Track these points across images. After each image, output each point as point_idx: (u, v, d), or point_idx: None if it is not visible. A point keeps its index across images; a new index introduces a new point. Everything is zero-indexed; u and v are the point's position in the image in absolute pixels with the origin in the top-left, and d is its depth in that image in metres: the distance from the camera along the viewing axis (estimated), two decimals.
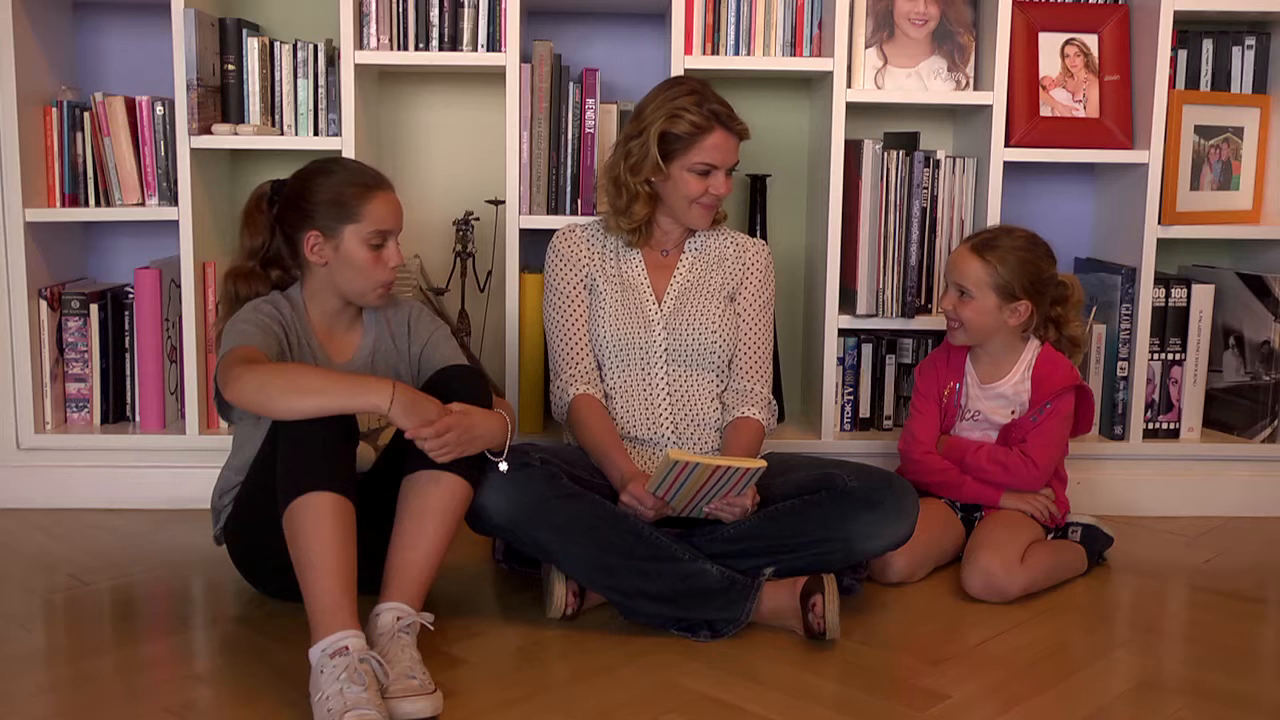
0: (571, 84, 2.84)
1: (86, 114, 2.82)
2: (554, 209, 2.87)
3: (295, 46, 2.82)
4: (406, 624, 1.95)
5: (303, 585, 1.90)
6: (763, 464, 2.15)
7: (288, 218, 2.24)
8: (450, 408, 2.05)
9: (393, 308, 2.36)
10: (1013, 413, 2.57)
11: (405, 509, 2.05)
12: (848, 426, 2.99)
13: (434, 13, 2.79)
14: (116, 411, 2.94)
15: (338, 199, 2.19)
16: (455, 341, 2.38)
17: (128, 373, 2.94)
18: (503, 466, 2.13)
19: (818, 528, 2.21)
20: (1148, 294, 2.88)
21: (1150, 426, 2.95)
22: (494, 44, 2.80)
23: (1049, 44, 2.91)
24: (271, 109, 2.84)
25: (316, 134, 2.84)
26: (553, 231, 2.58)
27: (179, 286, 2.81)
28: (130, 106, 2.82)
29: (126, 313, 2.92)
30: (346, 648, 1.82)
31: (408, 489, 2.06)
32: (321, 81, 2.82)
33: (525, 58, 2.82)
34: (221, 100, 2.83)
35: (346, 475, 1.98)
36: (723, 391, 2.50)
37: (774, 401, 2.51)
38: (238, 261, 2.31)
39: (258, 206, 2.29)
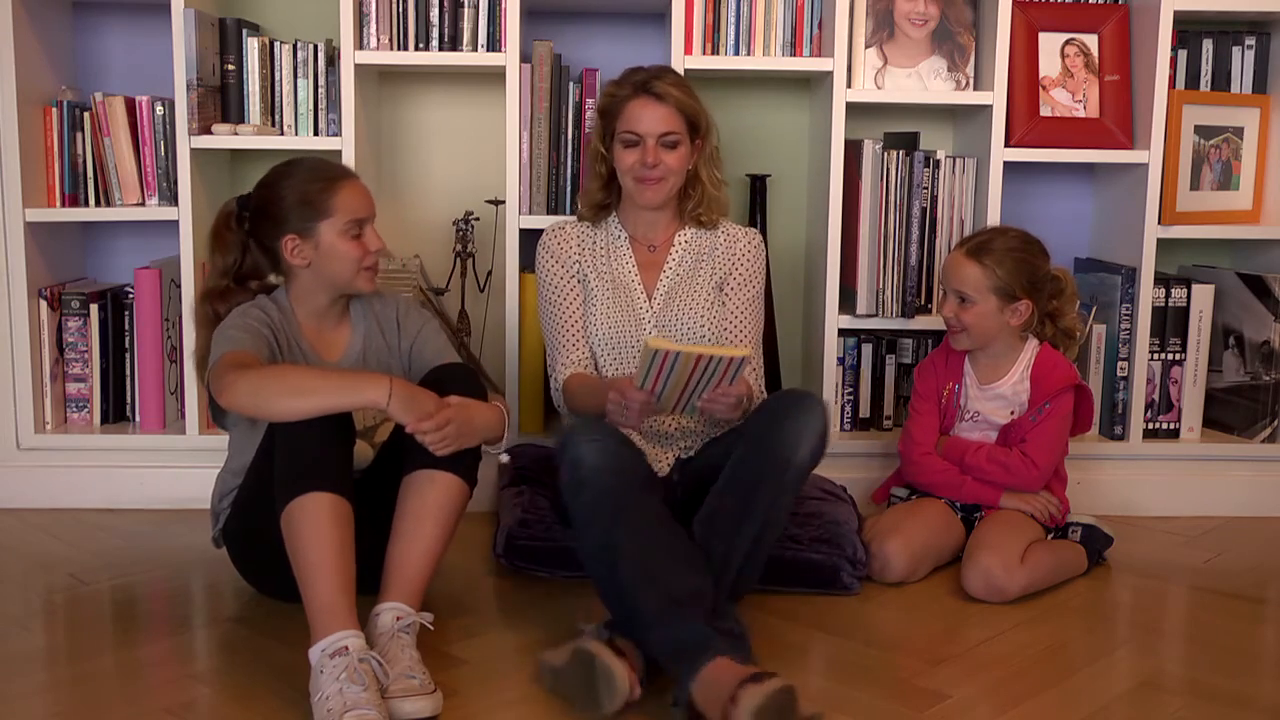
0: (571, 84, 2.84)
1: (86, 114, 2.82)
2: (554, 209, 2.87)
3: (295, 46, 2.82)
4: (406, 624, 1.95)
5: (301, 586, 1.91)
6: (747, 352, 2.14)
7: (261, 228, 2.22)
8: (448, 400, 2.05)
9: (380, 302, 2.36)
10: (1012, 413, 2.57)
11: (403, 508, 2.05)
12: (848, 426, 2.99)
13: (434, 13, 2.79)
14: (116, 411, 2.94)
15: (305, 198, 2.17)
16: (445, 334, 2.39)
17: (128, 373, 2.94)
18: (503, 458, 2.12)
19: (748, 477, 2.12)
20: (1148, 294, 2.88)
21: (1150, 426, 2.95)
22: (494, 44, 2.80)
23: (1049, 44, 2.91)
24: (271, 109, 2.84)
25: (316, 134, 2.84)
26: (539, 237, 2.58)
27: (179, 286, 2.81)
28: (130, 106, 2.82)
29: (126, 313, 2.92)
30: (346, 648, 1.82)
31: (405, 489, 2.07)
32: (321, 81, 2.82)
33: (525, 58, 2.82)
34: (221, 100, 2.83)
35: (344, 475, 1.99)
36: None
37: (758, 395, 2.49)
38: (211, 282, 2.28)
39: (226, 225, 2.26)
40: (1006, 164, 2.86)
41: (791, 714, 1.75)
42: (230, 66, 2.81)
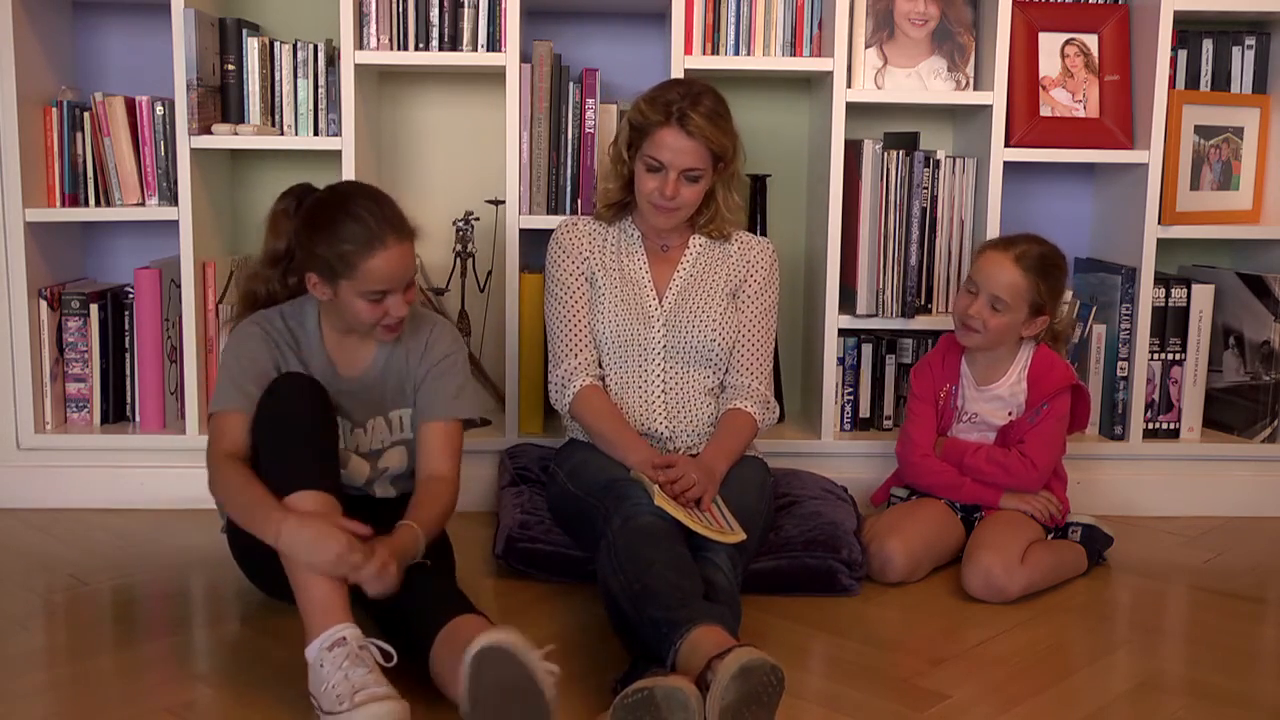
0: (571, 84, 2.84)
1: (86, 114, 2.82)
2: (554, 209, 2.87)
3: (295, 46, 2.82)
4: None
5: (294, 585, 1.91)
6: (741, 536, 2.15)
7: (297, 242, 2.16)
8: (371, 543, 1.93)
9: (415, 323, 2.25)
10: (1010, 414, 2.57)
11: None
12: (848, 426, 2.99)
13: (434, 13, 2.79)
14: (116, 411, 2.93)
15: (338, 256, 2.06)
16: (462, 373, 2.25)
17: (128, 373, 2.93)
18: (426, 562, 2.04)
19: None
20: (1148, 294, 2.88)
21: (1150, 426, 2.95)
22: (494, 44, 2.80)
23: (1049, 44, 2.91)
24: (271, 109, 2.84)
25: (316, 134, 2.83)
26: (553, 231, 2.59)
27: (179, 286, 2.81)
28: (130, 106, 2.82)
29: (126, 313, 2.91)
30: (344, 638, 1.83)
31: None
32: (321, 81, 2.82)
33: (525, 58, 2.82)
34: (221, 100, 2.83)
35: (327, 470, 1.99)
36: (719, 387, 2.50)
37: (773, 401, 2.51)
38: (257, 265, 2.25)
39: (284, 214, 2.20)
40: (1006, 164, 2.86)
41: (771, 694, 1.73)
42: (230, 66, 2.81)
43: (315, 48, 2.82)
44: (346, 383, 2.21)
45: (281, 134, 2.83)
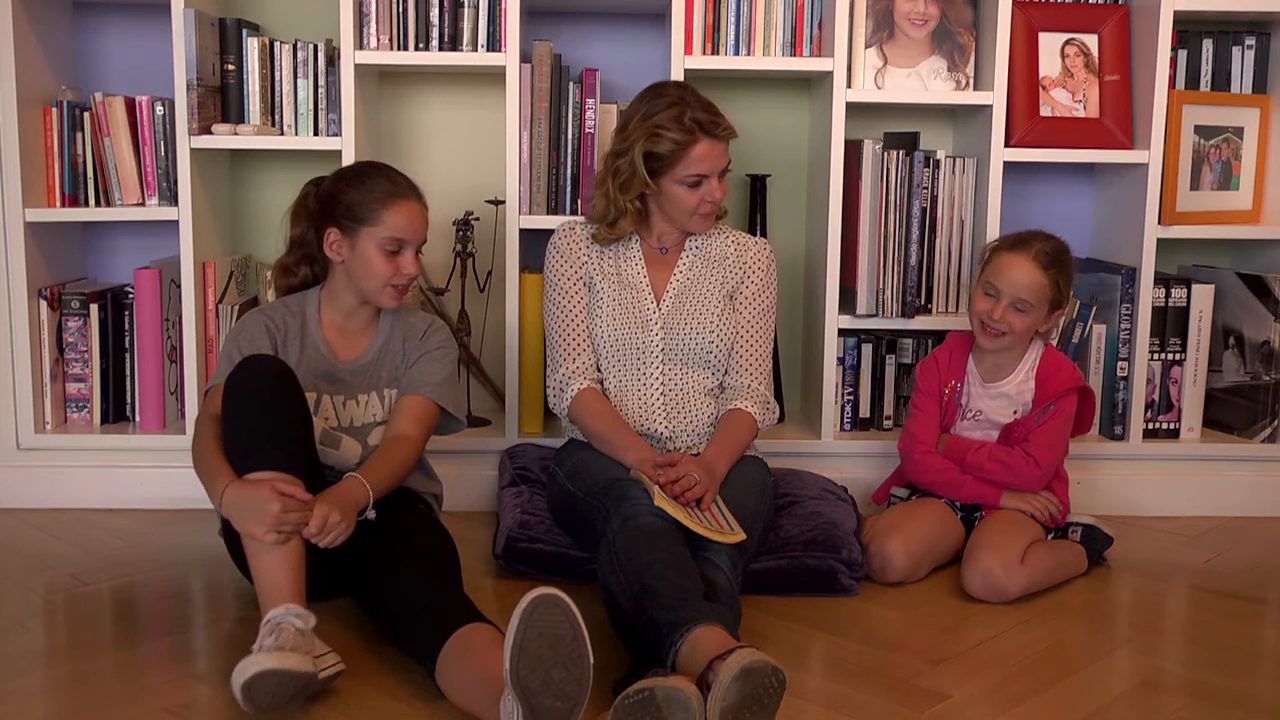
0: (571, 84, 2.84)
1: (86, 114, 2.82)
2: (554, 209, 2.87)
3: (295, 46, 2.82)
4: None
5: (251, 569, 1.96)
6: (741, 536, 2.15)
7: (317, 213, 2.31)
8: (312, 503, 1.99)
9: (415, 315, 2.40)
10: (1015, 412, 2.57)
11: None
12: (848, 426, 2.99)
13: (434, 13, 2.79)
14: (116, 411, 2.94)
15: (361, 200, 2.25)
16: (451, 369, 2.37)
17: (128, 373, 2.94)
18: (371, 515, 2.09)
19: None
20: (1148, 294, 2.88)
21: (1150, 426, 2.95)
22: (494, 44, 2.80)
23: (1049, 44, 2.91)
24: (271, 109, 2.84)
25: (316, 134, 2.84)
26: (553, 231, 2.59)
27: (179, 286, 2.81)
28: (130, 106, 2.82)
29: (126, 313, 2.91)
30: (269, 619, 1.87)
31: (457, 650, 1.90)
32: (321, 81, 2.82)
33: (525, 58, 2.82)
34: (221, 100, 2.83)
35: (280, 448, 2.01)
36: (719, 387, 2.50)
37: (773, 401, 2.51)
38: (284, 254, 2.40)
39: (303, 200, 2.37)
40: (1006, 164, 2.86)
41: (772, 696, 1.74)
42: (230, 66, 2.81)
43: (315, 48, 2.82)
44: (345, 365, 2.33)
45: (281, 134, 2.83)
